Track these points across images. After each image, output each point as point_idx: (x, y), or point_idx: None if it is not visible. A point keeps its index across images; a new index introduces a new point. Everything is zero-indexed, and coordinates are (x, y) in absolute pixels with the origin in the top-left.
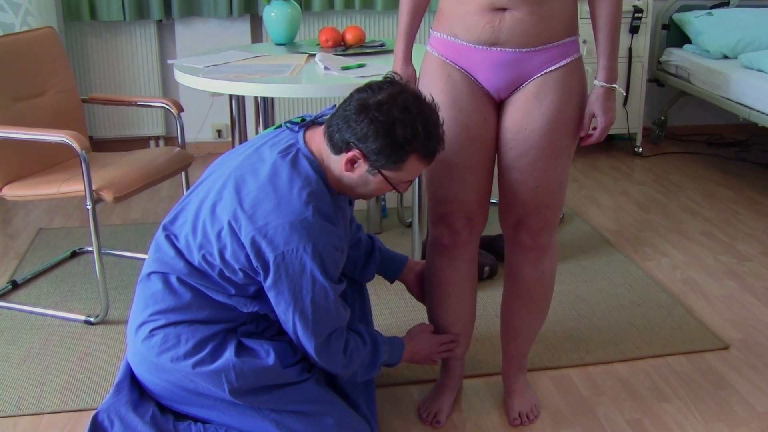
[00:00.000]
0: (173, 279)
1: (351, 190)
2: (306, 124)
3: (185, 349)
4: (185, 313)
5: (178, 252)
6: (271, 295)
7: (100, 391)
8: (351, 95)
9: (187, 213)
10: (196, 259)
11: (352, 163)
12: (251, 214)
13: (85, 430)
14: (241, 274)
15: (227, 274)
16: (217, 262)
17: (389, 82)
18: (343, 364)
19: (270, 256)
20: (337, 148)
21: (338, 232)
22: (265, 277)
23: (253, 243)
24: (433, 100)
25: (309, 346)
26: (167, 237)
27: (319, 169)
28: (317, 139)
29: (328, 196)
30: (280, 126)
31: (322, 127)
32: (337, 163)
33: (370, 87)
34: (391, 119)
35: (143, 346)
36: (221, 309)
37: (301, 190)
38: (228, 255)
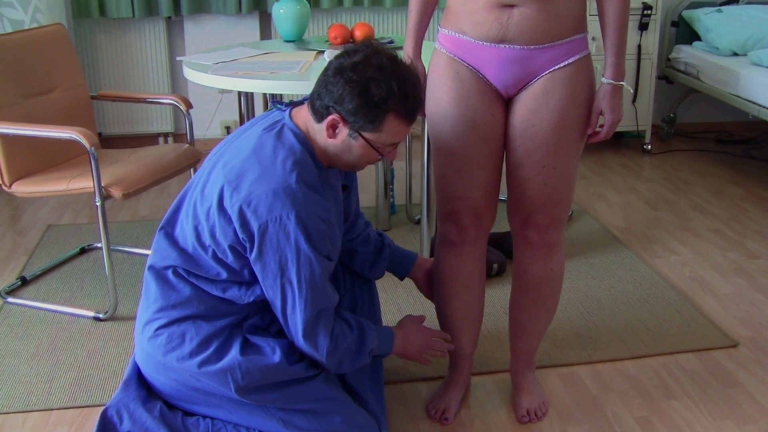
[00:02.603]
0: (170, 274)
1: (337, 158)
2: (294, 103)
3: (190, 348)
4: (186, 308)
5: (174, 243)
6: (257, 269)
7: (109, 388)
8: (330, 62)
9: (181, 203)
10: (189, 242)
11: (333, 129)
12: (236, 185)
13: (94, 425)
14: (231, 255)
15: (219, 255)
16: (209, 241)
17: (365, 44)
18: (329, 349)
19: (254, 226)
20: (319, 115)
21: (325, 204)
22: (251, 249)
23: (239, 213)
24: (412, 62)
25: (298, 325)
26: (164, 233)
27: (305, 141)
28: (303, 114)
29: (314, 167)
30: (271, 110)
31: (307, 100)
32: (320, 131)
33: (346, 51)
34: (365, 78)
35: (149, 345)
36: (221, 302)
37: (285, 160)
38: (218, 233)
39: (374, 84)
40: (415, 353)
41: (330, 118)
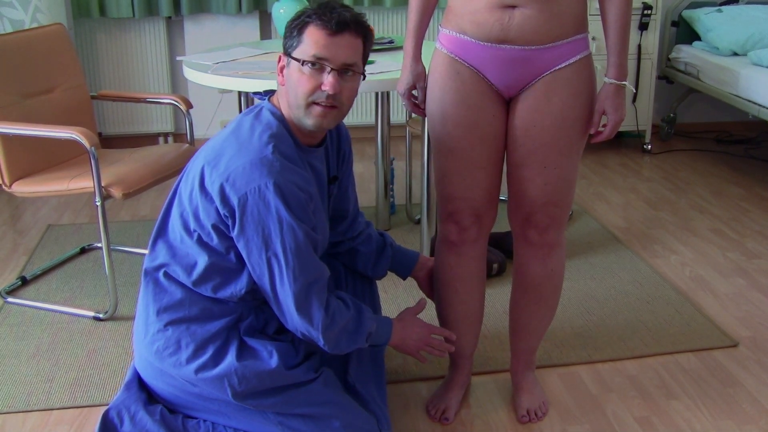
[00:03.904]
0: (161, 276)
1: (291, 107)
2: (274, 91)
3: (186, 354)
4: (178, 310)
5: (165, 240)
6: (241, 247)
7: (109, 388)
8: None
9: (170, 206)
10: (177, 233)
11: (281, 72)
12: (215, 164)
13: (95, 426)
14: (215, 236)
15: (204, 238)
16: (193, 225)
17: None
18: (325, 323)
19: (234, 200)
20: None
21: (303, 174)
22: (233, 224)
23: (219, 190)
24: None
25: (289, 298)
26: (156, 234)
27: (282, 119)
28: (279, 95)
29: (292, 142)
30: None
31: None
32: (280, 89)
33: None
34: (302, 10)
35: (147, 352)
36: (214, 302)
37: (261, 134)
38: (201, 214)
39: (306, 11)
40: (412, 347)
41: (279, 64)
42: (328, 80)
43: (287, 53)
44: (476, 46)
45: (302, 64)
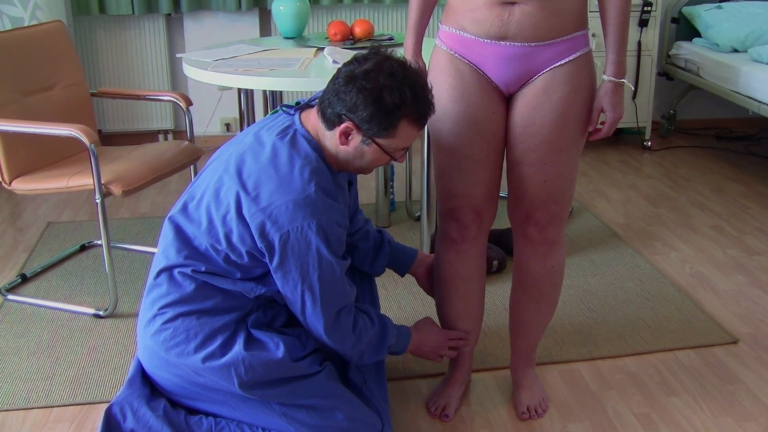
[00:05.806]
0: (176, 272)
1: (348, 164)
2: (301, 106)
3: (195, 344)
4: (190, 303)
5: (185, 240)
6: (277, 277)
7: (109, 385)
8: (339, 70)
9: (193, 202)
10: (203, 244)
11: (345, 136)
12: (255, 195)
13: (98, 422)
14: (246, 258)
15: (233, 258)
16: (223, 246)
17: (374, 52)
18: (352, 342)
19: (275, 237)
20: (331, 123)
21: (340, 208)
22: (271, 258)
23: (259, 225)
24: (419, 65)
25: (318, 324)
26: (174, 227)
27: (317, 147)
28: (312, 119)
29: (328, 173)
30: (276, 111)
31: (316, 107)
32: (332, 138)
33: (356, 59)
34: (379, 86)
35: (153, 341)
36: (227, 297)
37: (302, 169)
38: (235, 238)
39: (387, 91)
40: (429, 352)
41: (343, 126)
42: (402, 157)
43: (370, 136)
44: (476, 43)
45: (389, 157)
